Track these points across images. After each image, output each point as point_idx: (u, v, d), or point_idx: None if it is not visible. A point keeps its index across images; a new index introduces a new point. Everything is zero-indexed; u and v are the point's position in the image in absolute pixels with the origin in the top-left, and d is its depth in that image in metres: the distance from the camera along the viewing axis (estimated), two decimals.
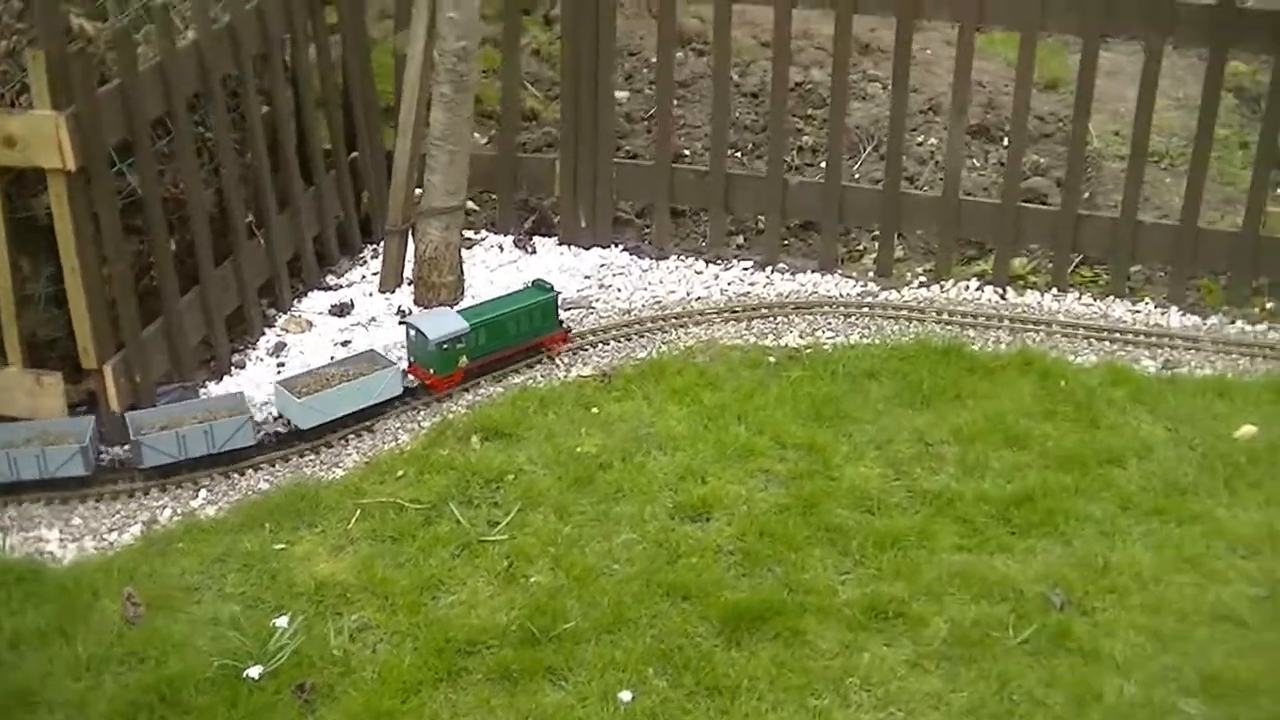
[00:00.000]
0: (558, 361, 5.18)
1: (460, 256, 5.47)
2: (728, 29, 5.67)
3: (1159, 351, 5.35)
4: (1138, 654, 3.83)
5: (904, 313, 5.54)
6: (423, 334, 4.90)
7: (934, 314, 5.52)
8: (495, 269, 5.72)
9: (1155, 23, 5.30)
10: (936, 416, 4.85)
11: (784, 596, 4.00)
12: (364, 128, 5.84)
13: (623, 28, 5.81)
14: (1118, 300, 5.68)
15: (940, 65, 7.62)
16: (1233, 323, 5.55)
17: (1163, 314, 5.60)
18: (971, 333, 5.42)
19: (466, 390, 5.00)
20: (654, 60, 7.49)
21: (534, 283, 5.28)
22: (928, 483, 4.50)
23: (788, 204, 5.81)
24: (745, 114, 6.90)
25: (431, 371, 4.94)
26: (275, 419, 4.82)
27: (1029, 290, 5.75)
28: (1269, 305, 5.66)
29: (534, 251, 5.87)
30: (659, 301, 5.62)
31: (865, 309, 5.55)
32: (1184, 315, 5.60)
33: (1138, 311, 5.63)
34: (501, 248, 5.91)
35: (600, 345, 5.28)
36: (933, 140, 6.76)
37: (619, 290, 5.65)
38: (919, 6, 5.45)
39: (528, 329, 5.11)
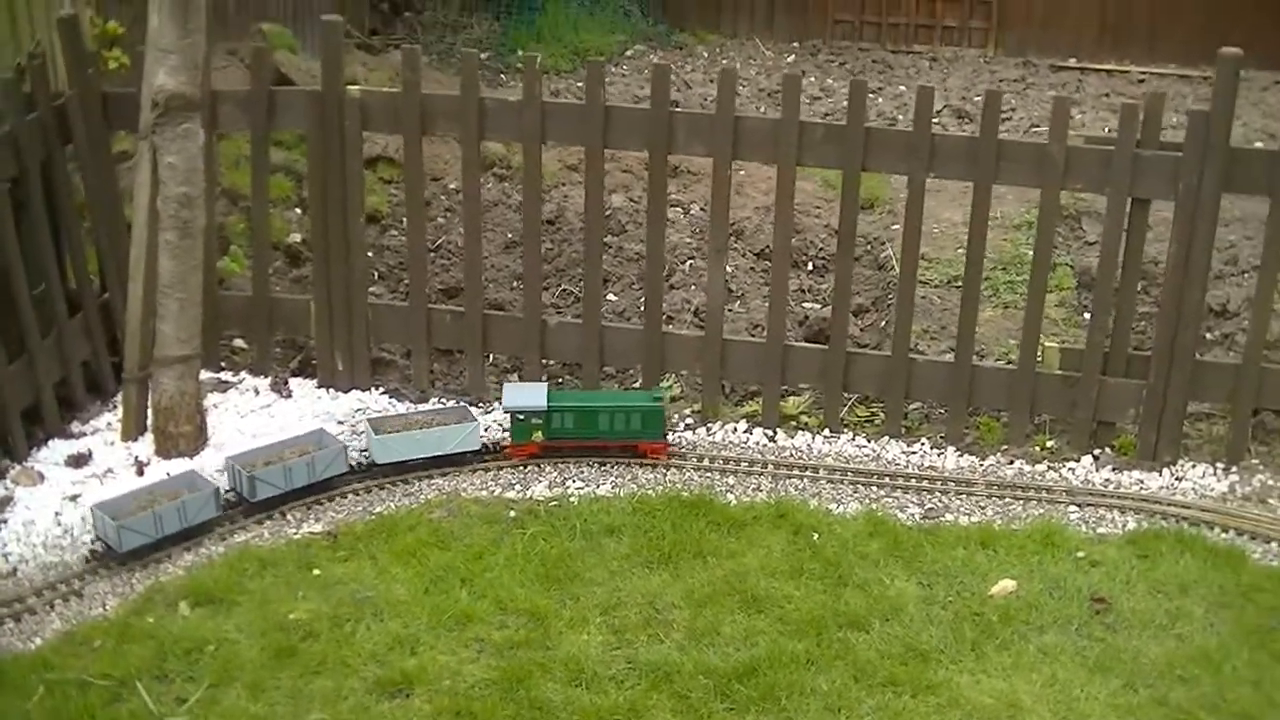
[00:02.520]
0: (288, 517, 4.92)
1: (199, 405, 5.21)
2: (477, 168, 5.45)
3: (929, 496, 5.11)
4: None
5: (663, 459, 5.28)
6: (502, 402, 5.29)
7: (694, 460, 5.26)
8: (246, 415, 5.45)
9: (916, 156, 5.13)
10: (672, 577, 4.60)
11: None
12: (112, 268, 5.59)
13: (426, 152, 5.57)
14: (892, 441, 5.43)
15: (753, 186, 7.43)
16: (1011, 463, 5.32)
17: (939, 455, 5.36)
18: (731, 480, 5.16)
19: (187, 550, 4.74)
20: (452, 186, 7.35)
21: (653, 390, 5.46)
22: (649, 652, 4.24)
23: (547, 345, 5.57)
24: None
25: (507, 438, 5.25)
26: None
27: (801, 432, 5.50)
28: (1050, 444, 5.44)
29: (290, 395, 5.61)
30: None
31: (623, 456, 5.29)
32: (961, 455, 5.36)
33: (913, 453, 5.39)
34: (258, 390, 5.64)
35: (338, 498, 5.02)
36: (728, 268, 6.52)
37: None
38: (671, 141, 5.25)
39: (623, 428, 5.20)
